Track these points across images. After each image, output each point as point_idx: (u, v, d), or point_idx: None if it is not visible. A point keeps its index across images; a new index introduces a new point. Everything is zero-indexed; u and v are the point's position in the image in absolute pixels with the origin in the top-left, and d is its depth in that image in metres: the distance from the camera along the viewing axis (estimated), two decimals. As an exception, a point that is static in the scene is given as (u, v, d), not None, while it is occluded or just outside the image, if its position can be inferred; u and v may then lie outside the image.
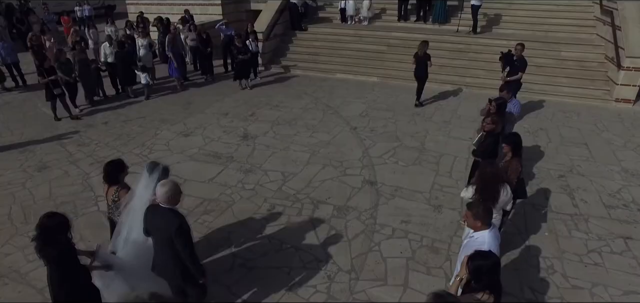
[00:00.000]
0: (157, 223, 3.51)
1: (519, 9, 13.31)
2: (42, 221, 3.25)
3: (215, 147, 8.18)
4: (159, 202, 3.43)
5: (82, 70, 10.07)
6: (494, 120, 5.35)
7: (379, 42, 13.22)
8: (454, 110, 9.83)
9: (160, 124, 9.30)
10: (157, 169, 3.92)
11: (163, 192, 3.37)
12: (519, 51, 8.36)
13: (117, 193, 4.10)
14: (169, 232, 3.40)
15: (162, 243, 3.55)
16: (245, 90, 11.35)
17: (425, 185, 6.72)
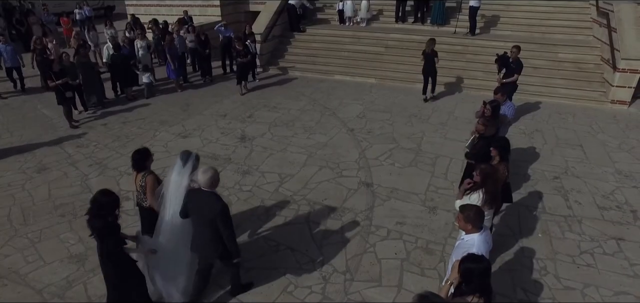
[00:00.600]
0: (199, 206, 3.83)
1: (517, 11, 13.37)
2: (95, 196, 3.65)
3: (213, 148, 8.24)
4: (202, 187, 3.78)
5: (87, 74, 9.98)
6: (484, 122, 5.39)
7: (377, 44, 13.29)
8: (450, 112, 9.90)
9: (159, 126, 9.36)
10: (190, 158, 4.21)
11: (207, 178, 3.74)
12: (514, 53, 8.43)
13: (144, 178, 4.41)
14: (212, 214, 3.73)
15: (204, 225, 3.86)
16: (245, 95, 11.26)
17: (421, 187, 6.78)
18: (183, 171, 4.14)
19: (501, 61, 8.68)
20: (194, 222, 4.01)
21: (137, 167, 4.50)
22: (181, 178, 4.12)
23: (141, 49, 11.53)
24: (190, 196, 3.95)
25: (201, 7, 16.76)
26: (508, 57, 8.64)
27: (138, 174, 4.50)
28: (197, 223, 3.99)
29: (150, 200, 4.42)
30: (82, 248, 5.42)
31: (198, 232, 4.01)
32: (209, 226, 3.84)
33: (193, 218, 4.00)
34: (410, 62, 12.35)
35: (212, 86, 12.20)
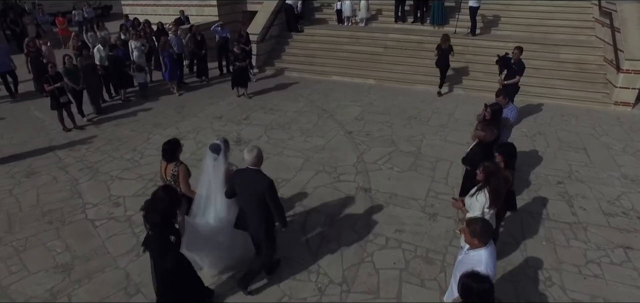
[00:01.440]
0: (247, 183, 4.04)
1: (517, 11, 13.17)
2: (156, 191, 3.68)
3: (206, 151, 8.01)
4: (248, 165, 4.02)
5: (89, 77, 9.66)
6: (483, 127, 5.18)
7: (376, 44, 13.08)
8: (451, 114, 9.69)
9: (153, 128, 9.16)
10: (222, 148, 4.36)
11: (253, 156, 3.99)
12: (516, 54, 8.23)
13: (177, 168, 4.48)
14: (261, 188, 3.94)
15: (251, 200, 4.06)
16: (241, 97, 10.96)
17: (421, 192, 6.58)
18: (219, 158, 4.33)
19: (502, 62, 8.49)
20: (242, 200, 4.19)
21: (168, 157, 4.55)
22: (218, 163, 4.32)
23: (135, 50, 11.32)
24: (236, 176, 4.16)
25: (198, 7, 16.53)
26: (509, 58, 8.44)
27: (168, 165, 4.54)
28: (243, 200, 4.17)
29: (184, 188, 4.49)
30: (69, 258, 5.22)
31: (246, 209, 4.19)
32: (255, 201, 4.03)
33: (241, 196, 4.18)
34: (409, 63, 12.16)
35: (208, 87, 11.99)
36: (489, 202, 4.03)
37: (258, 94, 11.23)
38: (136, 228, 5.79)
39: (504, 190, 4.19)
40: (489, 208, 4.07)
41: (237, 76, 10.74)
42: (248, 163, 4.03)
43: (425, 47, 12.48)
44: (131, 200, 6.49)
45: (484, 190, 4.09)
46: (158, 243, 3.66)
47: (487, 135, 5.16)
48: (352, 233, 5.60)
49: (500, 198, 4.12)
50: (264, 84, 12.14)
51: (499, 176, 4.13)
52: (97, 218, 6.04)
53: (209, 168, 4.38)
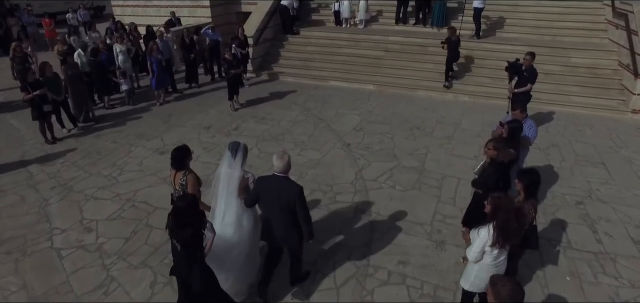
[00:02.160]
0: (275, 191, 3.84)
1: (524, 12, 12.51)
2: (177, 204, 3.41)
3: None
4: (277, 172, 3.83)
5: (75, 87, 8.89)
6: (495, 145, 4.52)
7: (376, 47, 12.42)
8: (456, 124, 9.03)
9: (136, 140, 8.50)
10: (240, 148, 4.14)
11: (284, 163, 3.81)
12: (528, 61, 7.56)
13: (185, 177, 4.25)
14: (291, 196, 3.77)
15: (281, 210, 3.85)
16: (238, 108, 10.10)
17: (426, 215, 5.92)
18: (234, 163, 4.10)
19: (512, 69, 7.82)
20: (269, 210, 3.97)
21: (177, 165, 4.34)
22: (233, 170, 4.09)
23: (120, 54, 10.67)
24: (261, 183, 3.98)
25: (190, 8, 15.87)
26: (520, 64, 7.78)
27: (177, 173, 4.34)
28: (271, 210, 3.95)
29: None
30: (24, 297, 4.56)
31: (274, 219, 3.97)
32: (286, 210, 3.84)
33: (267, 205, 3.96)
34: (411, 67, 11.51)
35: (198, 93, 11.30)
36: (492, 239, 3.37)
37: (250, 101, 10.55)
38: (107, 259, 5.14)
39: (514, 228, 3.51)
40: (491, 247, 3.41)
41: (232, 85, 9.89)
42: (278, 170, 3.84)
43: (428, 51, 11.83)
44: (104, 224, 5.84)
45: (488, 225, 3.44)
46: (190, 263, 3.41)
47: (501, 154, 4.49)
48: (350, 266, 4.94)
49: (509, 236, 3.43)
50: (257, 90, 11.48)
51: (509, 211, 3.44)
52: (65, 246, 5.38)
53: (223, 175, 4.16)
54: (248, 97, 10.79)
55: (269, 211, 3.99)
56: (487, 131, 8.59)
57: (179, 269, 3.57)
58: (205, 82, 12.23)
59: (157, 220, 5.90)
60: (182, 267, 3.51)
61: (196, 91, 11.50)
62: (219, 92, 11.15)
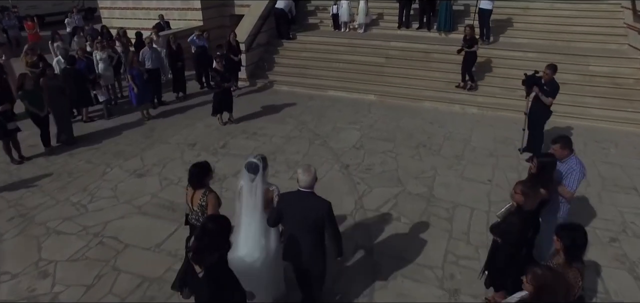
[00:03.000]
0: (301, 208, 3.58)
1: (536, 15, 11.69)
2: (206, 224, 3.09)
3: (173, 193, 6.56)
4: (303, 188, 3.57)
5: (56, 101, 7.97)
6: (523, 190, 3.67)
7: (377, 53, 11.60)
8: (466, 140, 8.22)
9: (113, 159, 7.69)
10: (259, 168, 3.87)
11: (310, 178, 3.56)
12: (548, 74, 6.73)
13: (205, 197, 3.89)
14: (319, 212, 3.53)
15: (307, 228, 3.60)
16: (226, 122, 9.17)
17: (437, 256, 5.11)
18: (256, 178, 3.86)
19: (530, 82, 6.99)
20: (293, 228, 3.70)
21: (196, 183, 3.94)
22: (255, 184, 3.88)
23: (101, 62, 9.86)
24: (284, 200, 3.72)
25: (181, 11, 15.07)
26: (539, 77, 6.96)
27: (196, 192, 3.94)
28: (296, 228, 3.67)
29: None
30: None
31: (299, 238, 3.68)
32: (312, 229, 3.61)
33: (291, 223, 3.70)
34: (415, 76, 10.69)
35: (184, 105, 10.44)
36: None
37: (241, 113, 9.68)
38: (61, 317, 4.33)
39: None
40: None
41: (220, 100, 8.91)
42: (304, 185, 3.57)
43: (433, 58, 11.02)
44: (64, 267, 5.03)
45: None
46: (213, 290, 3.04)
47: (529, 201, 3.66)
48: (349, 327, 4.14)
49: None
50: (249, 101, 10.65)
51: (556, 292, 2.66)
52: (12, 298, 4.57)
53: (244, 192, 3.93)
54: (239, 108, 9.90)
55: (293, 229, 3.70)
56: (499, 149, 7.84)
57: (198, 298, 3.24)
58: (194, 91, 11.38)
59: (126, 261, 5.11)
60: (202, 294, 3.15)
61: (183, 103, 10.62)
62: (208, 104, 10.32)
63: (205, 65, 11.20)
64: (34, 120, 7.80)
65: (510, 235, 3.74)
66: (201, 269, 3.01)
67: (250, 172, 3.85)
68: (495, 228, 3.96)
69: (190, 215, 4.08)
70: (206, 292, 3.06)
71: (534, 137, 7.28)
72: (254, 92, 11.35)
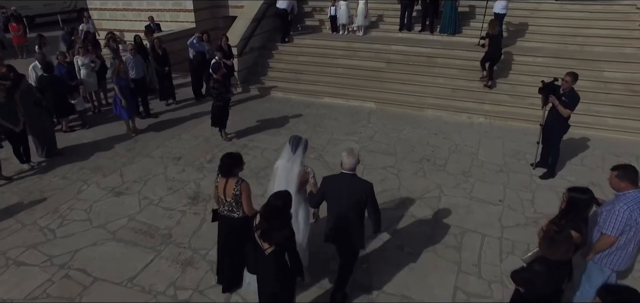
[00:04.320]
0: (345, 189, 3.76)
1: (545, 17, 11.09)
2: (273, 202, 3.11)
3: (152, 215, 5.95)
4: (346, 170, 3.78)
5: (32, 115, 7.28)
6: (548, 240, 3.01)
7: (377, 58, 10.98)
8: (473, 154, 7.60)
9: (91, 174, 7.07)
10: (301, 143, 4.11)
11: (354, 161, 3.78)
12: (568, 83, 6.11)
13: (239, 186, 3.95)
14: (363, 194, 3.72)
15: (350, 208, 3.75)
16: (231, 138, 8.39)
17: (445, 293, 4.51)
18: (294, 157, 4.04)
19: (548, 90, 6.36)
20: (338, 208, 3.82)
21: (228, 173, 3.97)
22: (292, 165, 4.01)
23: (83, 68, 9.25)
24: (328, 183, 3.87)
25: (172, 12, 14.49)
26: (557, 85, 6.34)
27: (228, 182, 3.97)
28: (340, 209, 3.81)
29: (248, 209, 4.00)
30: None
31: (342, 218, 3.82)
32: (355, 208, 3.77)
33: (336, 204, 3.83)
34: (417, 82, 10.08)
35: (173, 114, 9.80)
36: None
37: (231, 123, 8.99)
38: None
39: None
40: None
41: (221, 113, 8.06)
42: (347, 167, 3.78)
43: (436, 62, 10.40)
44: (22, 309, 4.42)
45: None
46: (280, 268, 3.22)
47: (556, 251, 3.01)
48: None
49: None
50: (241, 109, 10.02)
51: None
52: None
53: (279, 173, 4.08)
54: (230, 117, 9.19)
55: (338, 210, 3.82)
56: (510, 164, 7.22)
57: (265, 277, 3.31)
58: (185, 98, 10.74)
59: (94, 298, 4.51)
60: (268, 275, 3.25)
61: (172, 112, 9.95)
62: (199, 113, 9.75)
63: (202, 72, 10.26)
64: (9, 136, 7.17)
65: (535, 287, 3.12)
66: (270, 246, 3.05)
67: (293, 145, 4.04)
68: (517, 276, 3.34)
69: (221, 208, 4.10)
70: (274, 269, 3.14)
71: (549, 152, 6.67)
72: (247, 99, 10.68)
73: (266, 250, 3.10)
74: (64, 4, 22.86)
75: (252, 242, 3.26)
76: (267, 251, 3.09)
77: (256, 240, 3.17)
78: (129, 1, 15.04)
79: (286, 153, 4.10)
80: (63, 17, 22.44)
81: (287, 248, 3.19)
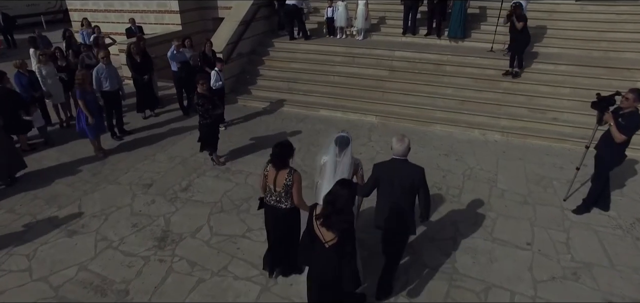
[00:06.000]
0: (397, 174, 3.82)
1: (564, 20, 10.04)
2: (336, 191, 3.00)
3: (109, 263, 4.91)
4: (398, 156, 3.84)
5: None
6: None
7: (378, 65, 9.92)
8: (491, 180, 6.54)
9: (44, 207, 6.02)
10: (349, 145, 4.04)
11: (405, 147, 3.80)
12: (630, 101, 4.96)
13: (291, 176, 3.93)
14: (415, 178, 3.80)
15: (403, 192, 3.83)
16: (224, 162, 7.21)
17: None
18: (343, 152, 4.01)
19: (604, 105, 5.25)
20: (390, 194, 3.86)
21: (280, 164, 3.92)
22: (343, 158, 4.02)
23: (47, 78, 8.20)
24: (380, 169, 3.93)
25: (157, 14, 13.43)
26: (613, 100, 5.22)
27: (279, 173, 3.93)
28: (392, 194, 3.85)
29: (298, 200, 3.98)
30: None
31: (394, 203, 3.85)
32: (407, 193, 3.85)
33: (388, 190, 3.87)
34: (424, 92, 9.03)
35: (148, 131, 8.68)
36: None
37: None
38: None
39: None
40: None
41: (208, 134, 6.93)
42: (398, 153, 3.83)
43: (445, 70, 9.36)
44: None
45: None
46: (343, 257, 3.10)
47: None
48: None
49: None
50: (224, 124, 8.92)
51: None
52: None
53: (328, 167, 4.04)
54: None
55: (390, 195, 3.88)
56: (535, 193, 6.17)
57: (322, 270, 3.21)
58: (169, 108, 9.65)
59: None
60: (328, 266, 3.16)
61: (148, 128, 8.85)
62: (180, 127, 8.73)
63: (188, 84, 8.89)
64: None
65: None
66: (334, 236, 3.02)
67: (340, 145, 3.99)
68: None
69: (268, 197, 4.09)
70: (335, 258, 3.09)
71: (594, 186, 5.59)
72: (232, 112, 9.43)
73: (327, 241, 3.06)
74: (48, 4, 21.77)
75: (309, 232, 3.21)
76: (328, 243, 3.07)
77: (314, 230, 3.11)
78: (110, 1, 13.98)
79: (332, 151, 4.03)
80: (47, 19, 21.48)
81: (348, 237, 3.12)
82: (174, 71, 9.15)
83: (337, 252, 3.08)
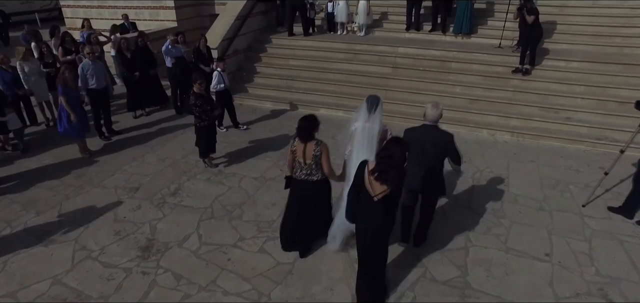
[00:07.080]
0: (429, 139, 4.04)
1: (576, 14, 9.59)
2: (391, 149, 3.21)
3: (86, 275, 4.47)
4: (429, 122, 4.07)
5: None
6: None
7: (381, 62, 9.48)
8: (504, 184, 6.09)
9: (20, 212, 5.59)
10: (378, 103, 4.10)
11: (438, 114, 4.04)
12: None
13: (319, 147, 4.08)
14: (446, 142, 4.07)
15: (434, 156, 4.08)
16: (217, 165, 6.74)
17: None
18: (373, 116, 4.05)
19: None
20: (420, 159, 4.00)
21: (306, 137, 4.05)
22: (372, 124, 4.05)
23: (30, 75, 7.77)
24: (411, 134, 4.06)
25: (152, 10, 12.99)
26: None
27: (307, 145, 4.06)
28: (423, 158, 4.03)
29: (327, 170, 4.14)
30: None
31: (424, 167, 4.07)
32: (438, 157, 4.09)
33: (419, 155, 3.97)
34: (429, 90, 8.59)
35: (139, 130, 8.25)
36: None
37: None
38: None
39: None
40: None
41: (207, 137, 6.46)
42: (431, 119, 4.04)
43: (450, 67, 8.93)
44: None
45: None
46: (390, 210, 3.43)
47: None
48: None
49: None
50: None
51: None
52: None
53: (358, 134, 4.11)
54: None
55: (421, 159, 4.00)
56: (551, 198, 5.72)
57: (370, 221, 3.42)
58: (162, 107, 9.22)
59: None
60: (375, 217, 3.38)
61: (139, 128, 8.42)
62: (172, 125, 8.31)
63: (183, 82, 8.46)
64: None
65: None
66: (386, 189, 3.21)
67: (370, 103, 4.02)
68: None
69: (298, 173, 4.19)
70: (382, 211, 3.32)
71: (634, 193, 5.14)
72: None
73: (377, 194, 3.25)
74: (43, 2, 21.34)
75: (356, 189, 3.42)
76: (377, 196, 3.25)
77: (365, 184, 3.30)
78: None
79: (363, 115, 4.06)
80: (42, 16, 21.03)
81: (399, 190, 3.35)
82: (168, 67, 8.69)
83: (385, 204, 3.30)
